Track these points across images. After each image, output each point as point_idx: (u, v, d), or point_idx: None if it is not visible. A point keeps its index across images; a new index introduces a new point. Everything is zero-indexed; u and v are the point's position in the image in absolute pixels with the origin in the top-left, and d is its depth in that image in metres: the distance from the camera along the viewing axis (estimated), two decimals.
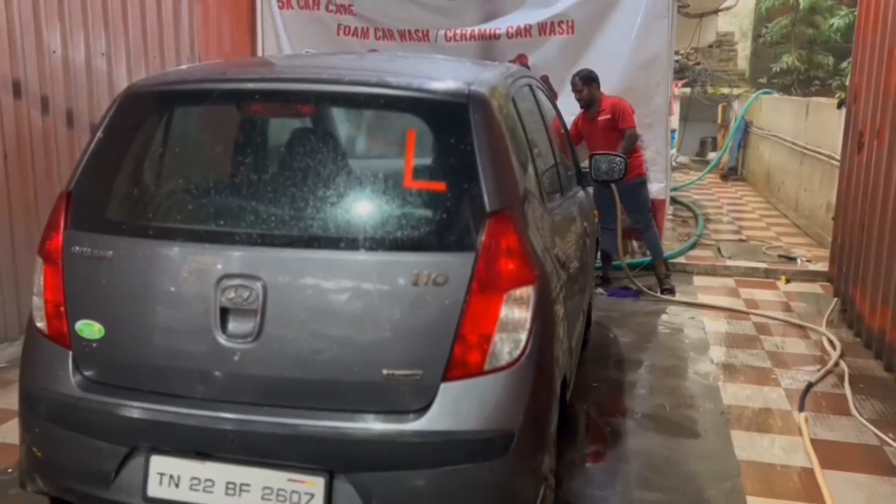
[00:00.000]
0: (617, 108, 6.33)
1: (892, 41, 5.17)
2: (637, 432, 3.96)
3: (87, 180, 2.59)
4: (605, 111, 6.35)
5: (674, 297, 6.46)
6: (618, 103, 6.39)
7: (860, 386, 4.55)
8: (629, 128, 6.32)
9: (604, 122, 6.36)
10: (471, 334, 2.28)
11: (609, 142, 6.13)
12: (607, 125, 6.34)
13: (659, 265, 6.72)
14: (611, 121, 6.32)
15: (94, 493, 2.48)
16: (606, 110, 6.35)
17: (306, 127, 2.71)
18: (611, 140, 6.18)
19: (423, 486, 2.28)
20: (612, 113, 6.32)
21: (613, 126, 6.31)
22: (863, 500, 3.32)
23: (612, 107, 6.34)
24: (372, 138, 2.92)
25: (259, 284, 2.31)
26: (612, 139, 6.21)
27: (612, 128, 6.31)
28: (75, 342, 2.49)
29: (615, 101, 6.42)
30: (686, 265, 7.49)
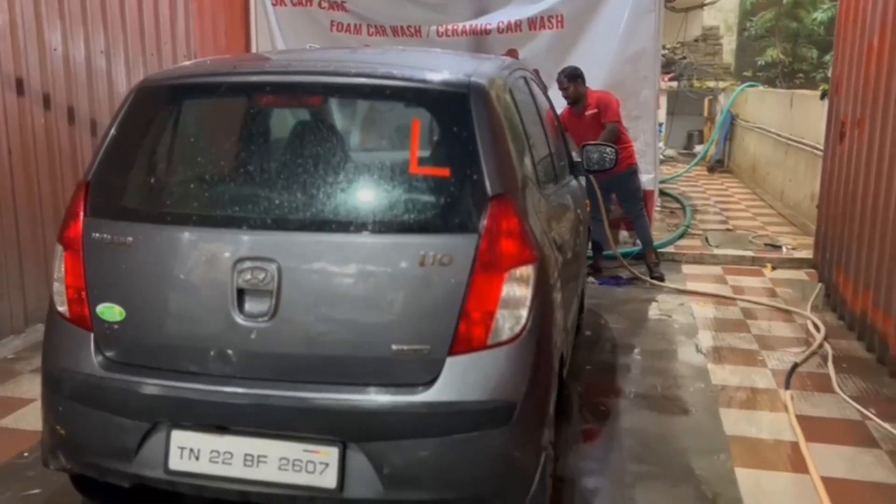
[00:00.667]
0: (602, 102, 6.49)
1: (871, 35, 5.35)
2: (630, 411, 4.12)
3: (104, 170, 2.71)
4: (592, 106, 6.50)
5: (663, 284, 6.62)
6: (603, 97, 6.54)
7: (843, 366, 4.73)
8: (612, 122, 6.46)
9: (591, 117, 6.49)
10: (475, 311, 2.42)
11: (596, 136, 6.26)
12: (594, 120, 6.48)
13: (649, 254, 6.89)
14: (597, 115, 6.47)
15: (117, 467, 2.60)
16: (592, 105, 6.50)
17: (316, 117, 2.84)
18: (598, 134, 6.32)
19: (431, 454, 2.41)
20: (597, 107, 6.47)
21: (598, 120, 6.45)
22: (845, 469, 3.48)
23: (597, 101, 6.50)
24: (378, 127, 3.06)
25: (274, 266, 2.43)
26: (596, 132, 6.32)
27: (598, 122, 6.45)
28: (96, 325, 2.61)
29: (601, 95, 6.57)
30: (675, 254, 7.66)
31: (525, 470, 2.54)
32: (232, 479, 2.49)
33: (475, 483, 2.47)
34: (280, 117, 2.96)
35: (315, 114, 2.85)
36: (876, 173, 5.06)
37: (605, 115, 6.45)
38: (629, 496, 3.25)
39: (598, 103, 6.49)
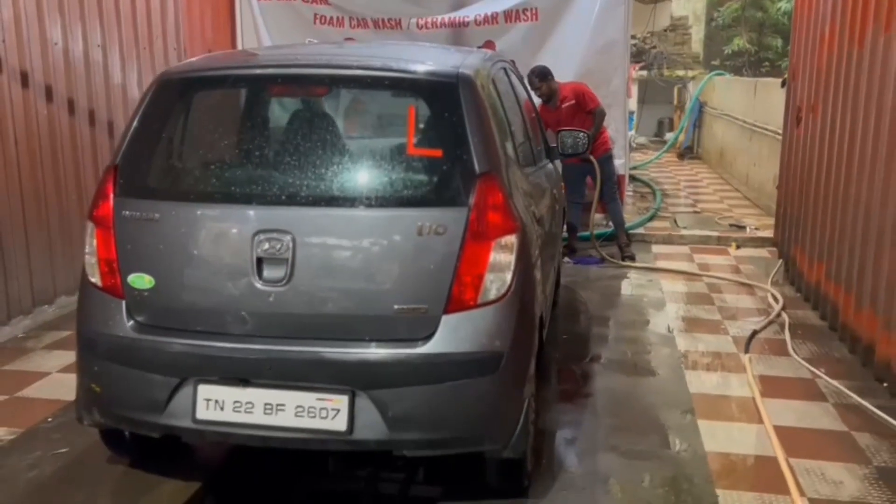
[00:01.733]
0: (579, 93, 6.80)
1: (823, 25, 5.75)
2: (602, 374, 4.50)
3: (131, 155, 3.02)
4: (568, 98, 6.80)
5: (634, 263, 7.02)
6: (578, 88, 6.86)
7: (798, 332, 5.14)
8: (597, 107, 6.82)
9: (568, 109, 6.79)
10: (466, 275, 2.77)
11: (575, 123, 6.52)
12: (572, 110, 6.79)
13: (621, 234, 7.29)
14: (575, 106, 6.78)
15: (149, 419, 2.92)
16: (569, 97, 6.80)
17: (323, 105, 3.18)
18: (577, 124, 6.51)
19: (429, 399, 2.76)
20: (575, 98, 6.78)
21: (579, 110, 6.77)
22: (795, 419, 3.88)
23: (573, 93, 6.81)
24: (377, 114, 3.39)
25: (289, 237, 2.76)
26: (579, 123, 6.54)
27: (576, 112, 6.77)
28: (128, 293, 2.93)
29: (574, 86, 6.89)
30: (645, 235, 8.08)
31: (510, 414, 2.90)
32: (253, 426, 2.82)
33: (467, 425, 2.83)
34: (290, 106, 3.28)
35: (322, 102, 3.18)
36: (828, 156, 5.47)
37: (587, 104, 6.78)
38: (602, 444, 3.62)
39: (574, 94, 6.79)
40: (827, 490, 3.22)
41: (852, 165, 4.92)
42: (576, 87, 6.89)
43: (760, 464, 3.46)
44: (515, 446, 2.92)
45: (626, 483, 3.28)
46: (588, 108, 6.80)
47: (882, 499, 3.15)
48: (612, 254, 7.19)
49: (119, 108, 6.14)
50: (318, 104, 3.21)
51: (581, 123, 6.55)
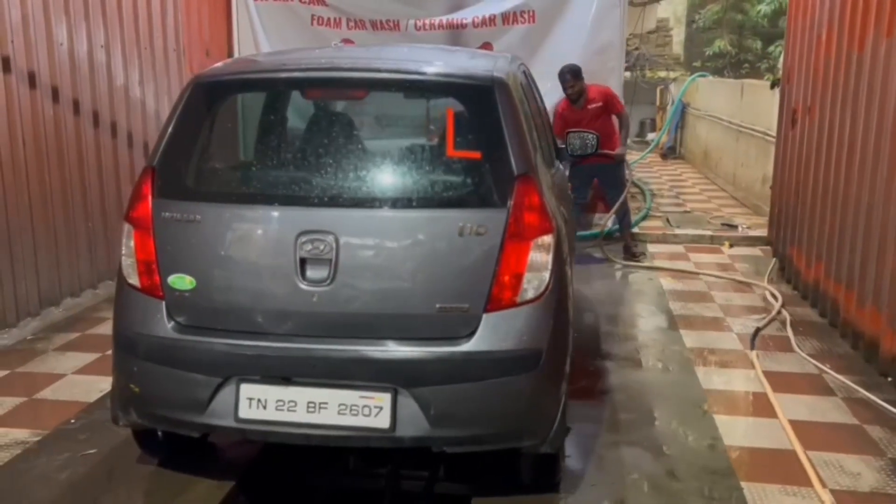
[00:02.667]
0: (608, 96, 6.92)
1: (820, 28, 5.89)
2: (615, 371, 4.58)
3: (168, 157, 3.04)
4: (596, 100, 6.86)
5: (633, 262, 7.11)
6: (605, 91, 6.96)
7: (800, 329, 5.26)
8: (622, 111, 6.99)
9: (595, 110, 6.86)
10: (506, 275, 2.83)
11: (598, 128, 6.49)
12: (598, 112, 6.85)
13: (627, 236, 7.40)
14: (602, 108, 6.87)
15: (190, 419, 2.94)
16: (596, 99, 6.87)
17: (360, 108, 3.22)
18: (600, 126, 6.59)
19: (470, 396, 2.82)
20: (603, 101, 6.87)
21: (604, 112, 6.87)
22: (807, 413, 3.99)
23: (601, 95, 6.90)
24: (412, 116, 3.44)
25: (332, 238, 2.81)
26: (601, 125, 6.67)
27: (601, 114, 6.85)
28: (167, 293, 2.95)
29: (601, 89, 6.97)
30: (639, 234, 8.17)
31: (549, 410, 2.97)
32: (296, 424, 2.86)
33: (507, 421, 2.89)
34: (329, 108, 3.32)
35: (360, 105, 3.22)
36: (826, 156, 5.61)
37: (615, 107, 6.94)
38: (624, 439, 3.70)
39: (602, 97, 6.89)
40: (847, 481, 3.32)
41: (853, 165, 5.05)
42: (603, 89, 6.98)
43: (780, 456, 3.56)
44: (553, 442, 2.99)
45: (652, 477, 3.36)
46: (616, 111, 6.93)
47: None
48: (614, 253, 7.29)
49: (122, 109, 6.13)
50: (356, 107, 3.25)
51: (603, 126, 6.65)
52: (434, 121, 3.16)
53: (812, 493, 3.23)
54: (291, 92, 3.28)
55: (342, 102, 3.28)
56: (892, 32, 4.49)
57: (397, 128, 3.24)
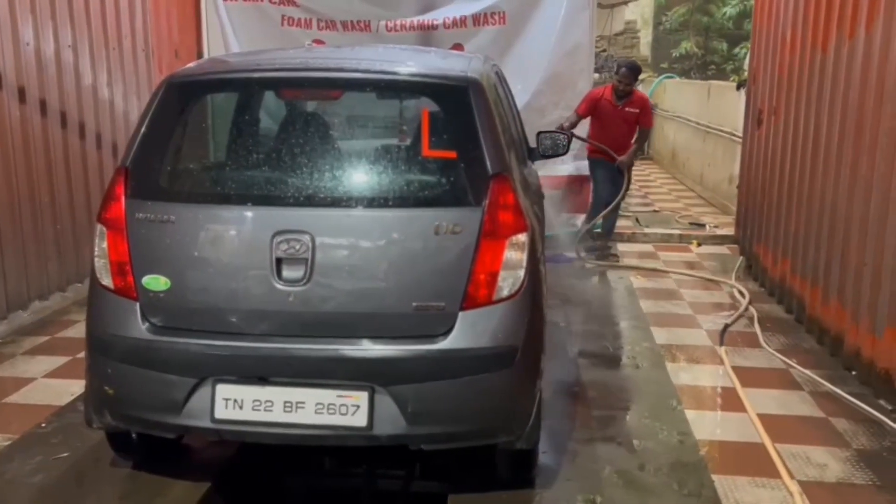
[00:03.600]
0: (645, 105, 7.13)
1: (784, 29, 6.01)
2: (588, 368, 4.64)
3: (142, 157, 3.02)
4: (635, 104, 7.02)
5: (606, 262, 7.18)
6: (647, 102, 7.20)
7: (767, 325, 5.37)
8: (649, 127, 7.32)
9: (629, 115, 7.01)
10: (481, 273, 2.86)
11: (623, 129, 6.98)
12: (631, 116, 7.01)
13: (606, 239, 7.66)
14: (637, 114, 7.02)
15: (165, 420, 2.93)
16: (636, 104, 7.03)
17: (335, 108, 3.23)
18: (627, 128, 6.98)
19: (447, 393, 2.84)
20: (640, 108, 7.03)
21: (636, 119, 7.03)
22: (776, 407, 4.07)
23: (641, 104, 7.07)
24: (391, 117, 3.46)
25: (307, 238, 2.81)
26: (629, 127, 6.98)
27: (633, 120, 7.02)
28: (142, 294, 2.93)
29: (644, 98, 7.24)
30: None
31: (525, 406, 3.00)
32: (273, 424, 2.86)
33: (484, 417, 2.92)
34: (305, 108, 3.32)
35: (335, 105, 3.23)
36: (791, 156, 5.72)
37: (645, 120, 7.12)
38: (598, 435, 3.75)
39: (641, 104, 7.05)
40: (814, 473, 3.40)
41: (817, 165, 5.16)
42: (645, 98, 7.22)
43: (749, 450, 3.63)
44: (528, 438, 3.03)
45: (626, 471, 3.41)
46: (644, 124, 7.12)
47: (865, 479, 3.35)
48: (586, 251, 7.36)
49: (90, 110, 6.06)
50: (331, 107, 3.26)
51: (627, 129, 6.97)
52: (408, 121, 3.18)
53: (780, 484, 3.30)
54: (265, 92, 3.28)
55: (317, 103, 3.28)
56: (855, 34, 4.60)
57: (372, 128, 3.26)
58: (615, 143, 7.05)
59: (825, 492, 3.25)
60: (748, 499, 3.19)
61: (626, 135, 7.05)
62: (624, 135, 7.03)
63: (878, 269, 4.16)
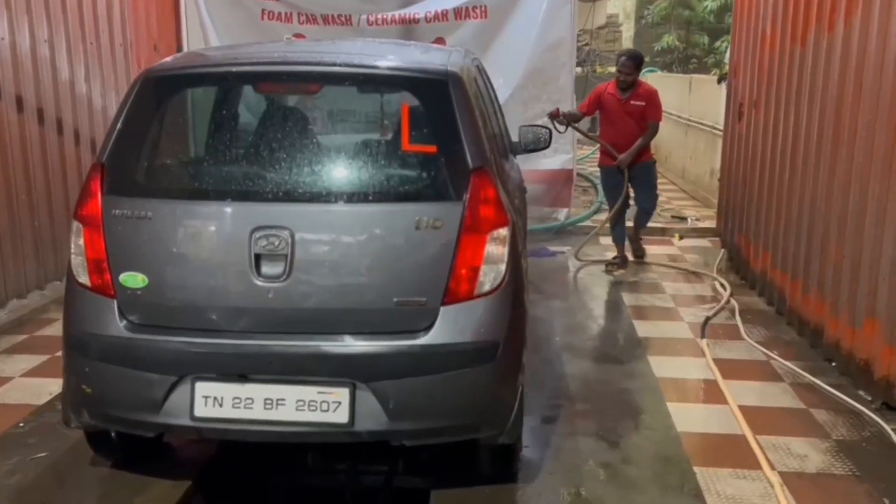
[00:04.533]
0: (651, 98, 6.41)
1: (764, 23, 6.03)
2: (570, 361, 4.64)
3: (118, 153, 2.98)
4: (640, 97, 6.38)
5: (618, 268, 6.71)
6: (652, 92, 6.46)
7: (748, 317, 5.40)
8: (656, 120, 6.50)
9: (634, 107, 6.39)
10: (462, 268, 2.85)
11: (630, 124, 6.39)
12: (637, 110, 6.40)
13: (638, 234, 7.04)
14: (642, 108, 6.38)
15: (144, 419, 2.90)
16: (641, 96, 6.39)
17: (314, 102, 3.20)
18: (633, 123, 6.39)
19: (429, 388, 2.83)
20: (646, 102, 6.38)
21: (642, 113, 6.39)
22: (756, 399, 4.10)
23: (646, 95, 6.41)
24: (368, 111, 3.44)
25: (287, 233, 2.79)
26: (635, 122, 6.39)
27: (638, 115, 6.39)
28: (119, 292, 2.90)
29: (651, 90, 6.49)
30: (592, 227, 8.27)
31: (506, 401, 3.00)
32: (253, 421, 2.84)
33: (466, 413, 2.92)
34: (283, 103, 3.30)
35: (314, 100, 3.21)
36: (772, 150, 5.75)
37: (652, 113, 6.44)
38: (580, 428, 3.75)
39: (646, 97, 6.40)
40: (794, 464, 3.42)
41: (797, 159, 5.18)
42: (650, 90, 6.49)
43: (730, 441, 3.65)
44: (511, 432, 3.03)
45: (608, 464, 3.42)
46: (651, 117, 6.45)
47: (844, 469, 3.37)
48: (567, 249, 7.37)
49: (68, 105, 6.00)
50: (310, 101, 3.24)
51: (633, 124, 6.38)
52: (388, 115, 3.16)
53: (761, 475, 3.32)
54: (244, 86, 3.25)
55: (295, 97, 3.26)
56: (834, 28, 4.62)
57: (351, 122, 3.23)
58: (622, 139, 6.45)
59: (805, 482, 3.27)
60: (730, 490, 3.21)
61: (633, 131, 6.41)
62: (631, 131, 6.41)
63: (856, 261, 4.19)
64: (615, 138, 6.51)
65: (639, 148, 6.45)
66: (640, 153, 6.48)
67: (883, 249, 3.91)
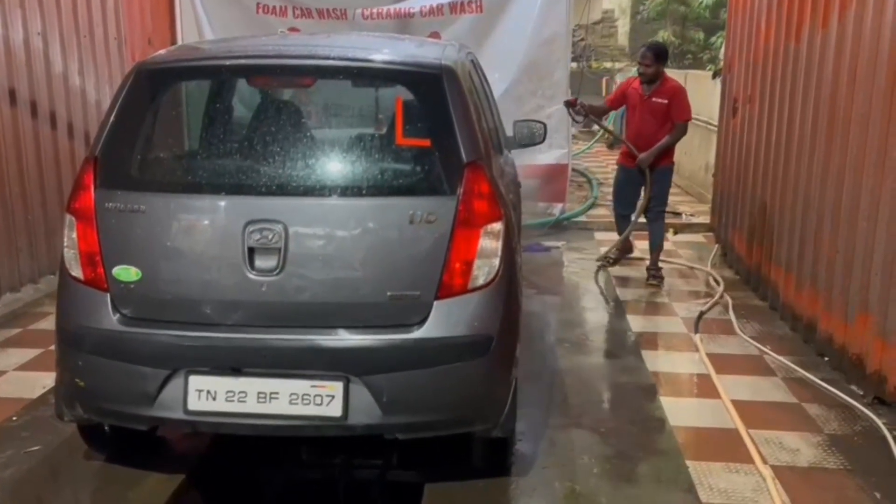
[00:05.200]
0: (676, 96, 5.89)
1: (759, 19, 6.04)
2: (565, 356, 4.65)
3: (111, 146, 2.97)
4: (663, 95, 5.87)
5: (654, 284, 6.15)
6: (679, 92, 5.94)
7: (741, 313, 5.41)
8: (683, 121, 5.94)
9: (658, 105, 5.89)
10: (456, 262, 2.85)
11: (650, 123, 5.92)
12: (660, 108, 5.89)
13: (655, 256, 6.25)
14: (665, 105, 5.86)
15: (138, 412, 2.90)
16: (664, 94, 5.87)
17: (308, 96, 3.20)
18: (654, 122, 5.91)
19: (423, 382, 2.83)
20: (670, 100, 5.85)
21: (666, 112, 5.87)
22: (749, 393, 4.11)
23: (671, 93, 5.89)
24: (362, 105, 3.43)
25: (280, 227, 2.78)
26: (657, 121, 5.91)
27: (662, 112, 5.88)
28: (112, 285, 2.89)
29: (677, 87, 5.97)
30: (587, 223, 8.32)
31: (500, 395, 3.00)
32: (247, 415, 2.84)
33: (459, 406, 2.92)
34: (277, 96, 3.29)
35: (308, 93, 3.20)
36: (766, 145, 5.76)
37: (678, 113, 5.88)
38: (574, 422, 3.76)
39: (671, 95, 5.87)
40: (787, 458, 3.43)
41: (791, 154, 5.20)
42: (677, 87, 5.96)
43: (723, 436, 3.66)
44: (504, 426, 3.03)
45: (602, 458, 3.43)
46: (677, 118, 5.89)
47: (836, 464, 3.39)
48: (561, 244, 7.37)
49: (61, 99, 5.97)
50: (304, 95, 3.23)
51: (656, 123, 5.91)
52: (383, 109, 3.16)
53: (754, 469, 3.33)
54: (237, 80, 3.25)
55: (289, 91, 3.25)
56: (828, 24, 4.63)
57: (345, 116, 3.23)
58: (642, 140, 5.98)
59: (797, 476, 3.28)
60: (722, 484, 3.22)
61: (653, 130, 5.89)
62: (651, 131, 5.90)
63: (849, 257, 4.21)
64: (635, 137, 6.08)
65: (662, 148, 5.91)
66: (660, 156, 5.95)
67: (876, 244, 3.93)
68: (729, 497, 3.13)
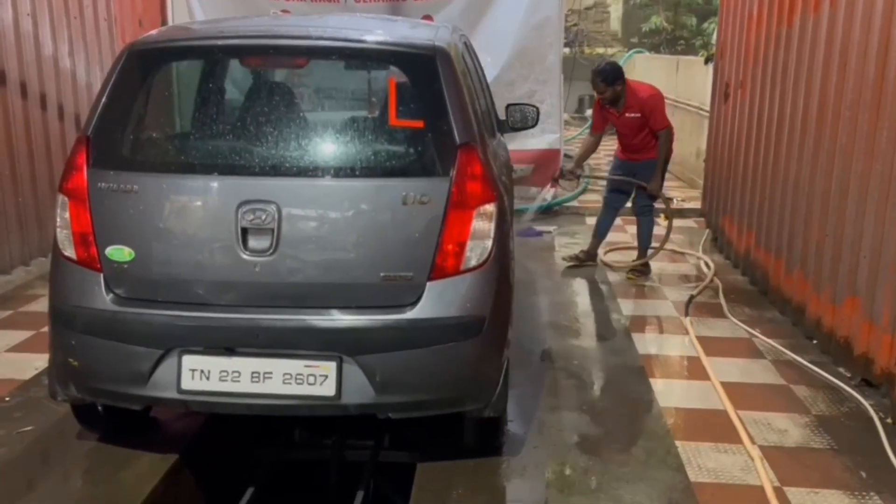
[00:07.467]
0: (647, 108, 5.67)
1: (751, 5, 6.05)
2: (555, 339, 4.68)
3: (103, 126, 2.96)
4: (634, 109, 5.68)
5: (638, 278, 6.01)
6: (647, 101, 5.68)
7: (731, 296, 5.45)
8: (664, 128, 5.77)
9: (632, 121, 5.72)
10: (449, 243, 2.86)
11: (636, 133, 5.78)
12: (635, 123, 5.73)
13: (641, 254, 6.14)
14: (641, 119, 5.70)
15: (131, 392, 2.91)
16: (634, 107, 5.68)
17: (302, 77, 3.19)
18: (637, 132, 5.77)
19: (415, 363, 2.85)
20: (641, 112, 5.67)
21: (644, 124, 5.73)
22: (739, 375, 4.15)
23: (640, 105, 5.67)
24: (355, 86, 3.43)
25: (273, 208, 2.79)
26: (640, 130, 5.76)
27: (640, 123, 5.73)
28: (105, 265, 2.89)
29: (644, 98, 5.69)
30: (578, 208, 8.35)
31: (491, 375, 3.03)
32: (240, 395, 2.85)
33: (451, 386, 2.94)
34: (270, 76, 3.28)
35: (301, 74, 3.20)
36: (757, 130, 5.78)
37: (654, 124, 5.71)
38: (564, 404, 3.79)
39: (641, 108, 5.67)
40: (774, 438, 3.48)
41: (781, 139, 5.22)
42: (646, 99, 5.69)
43: (712, 416, 3.70)
44: (496, 406, 3.06)
45: (592, 438, 3.46)
46: (654, 127, 5.73)
47: (823, 444, 3.43)
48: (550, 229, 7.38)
49: (51, 80, 5.94)
50: (297, 76, 3.23)
51: (644, 141, 5.79)
52: (375, 90, 3.16)
53: (742, 449, 3.37)
54: (230, 60, 3.24)
55: (283, 71, 3.25)
56: (820, 8, 4.64)
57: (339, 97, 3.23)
58: (632, 148, 5.92)
59: (785, 456, 3.32)
60: (711, 464, 3.26)
61: (640, 139, 5.79)
62: (638, 140, 5.80)
63: (838, 240, 4.24)
64: (630, 152, 5.96)
65: (660, 165, 5.89)
66: (644, 150, 5.85)
67: (864, 228, 3.96)
68: (718, 476, 3.17)
